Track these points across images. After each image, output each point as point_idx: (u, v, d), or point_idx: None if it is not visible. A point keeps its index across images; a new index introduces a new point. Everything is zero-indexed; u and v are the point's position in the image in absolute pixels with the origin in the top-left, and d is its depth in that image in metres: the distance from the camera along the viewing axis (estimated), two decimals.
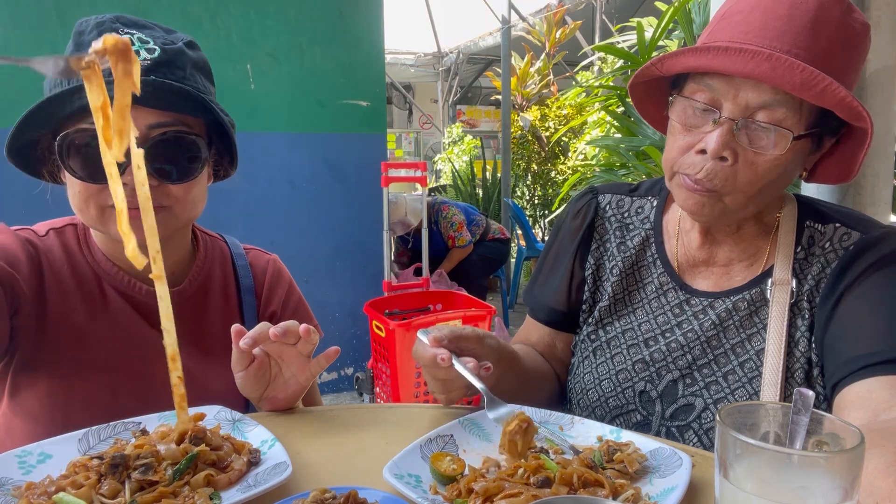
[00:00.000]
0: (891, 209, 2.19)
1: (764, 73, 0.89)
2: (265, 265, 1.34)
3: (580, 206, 1.27)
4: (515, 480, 0.76)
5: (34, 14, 3.20)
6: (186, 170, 1.07)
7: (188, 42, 1.11)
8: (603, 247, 1.23)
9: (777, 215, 1.09)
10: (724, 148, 0.94)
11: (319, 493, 0.70)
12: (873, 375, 0.87)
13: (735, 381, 1.04)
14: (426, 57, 12.10)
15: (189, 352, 1.17)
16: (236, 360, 1.00)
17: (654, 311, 1.15)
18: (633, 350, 1.14)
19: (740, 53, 0.90)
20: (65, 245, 1.15)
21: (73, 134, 1.01)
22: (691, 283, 1.14)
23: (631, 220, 1.23)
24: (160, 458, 0.78)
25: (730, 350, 1.06)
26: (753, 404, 0.63)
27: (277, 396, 1.05)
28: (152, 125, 1.03)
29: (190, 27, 3.55)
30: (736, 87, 0.94)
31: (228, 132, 1.11)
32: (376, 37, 4.16)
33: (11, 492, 0.74)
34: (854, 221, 1.04)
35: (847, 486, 0.53)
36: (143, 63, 1.01)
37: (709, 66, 0.94)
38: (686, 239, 1.15)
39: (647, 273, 1.18)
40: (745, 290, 1.07)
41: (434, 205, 5.23)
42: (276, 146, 3.89)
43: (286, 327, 0.97)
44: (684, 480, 0.75)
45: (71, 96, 0.99)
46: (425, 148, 13.36)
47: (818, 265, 1.03)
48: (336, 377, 4.25)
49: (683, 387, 1.07)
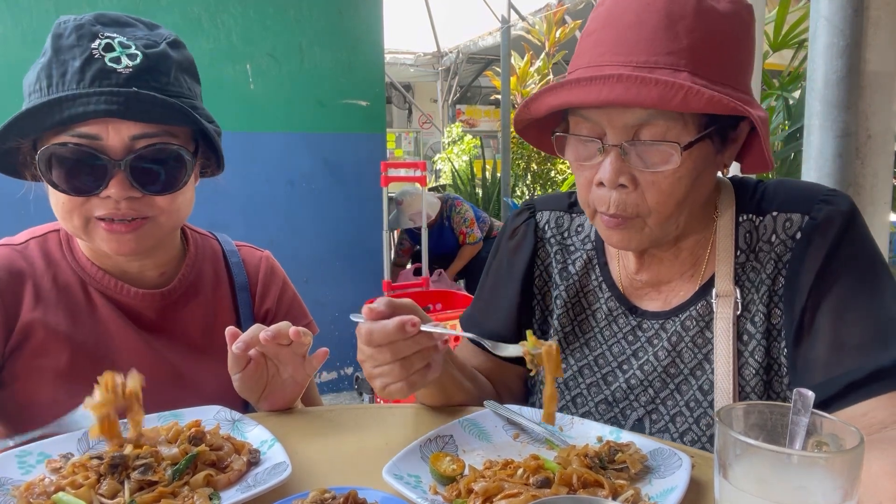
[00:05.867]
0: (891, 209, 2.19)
1: (619, 96, 0.83)
2: (258, 262, 1.32)
3: (517, 225, 1.19)
4: (515, 480, 0.76)
5: (34, 14, 3.20)
6: (171, 180, 1.05)
7: (172, 41, 1.08)
8: (546, 273, 1.16)
9: (714, 215, 1.02)
10: (618, 175, 0.89)
11: (319, 493, 0.70)
12: (867, 397, 0.83)
13: (696, 406, 0.98)
14: (426, 56, 12.08)
15: (180, 353, 1.16)
16: (232, 362, 1.00)
17: (607, 340, 1.09)
18: (593, 389, 1.08)
19: (592, 82, 0.84)
20: (47, 253, 1.13)
21: (54, 147, 0.99)
22: (640, 305, 1.07)
23: (571, 241, 1.15)
24: (160, 458, 0.79)
25: (689, 375, 1.00)
26: (753, 404, 0.63)
27: (276, 396, 1.05)
28: (136, 136, 1.01)
29: (190, 27, 3.55)
30: (608, 113, 0.89)
31: (213, 140, 1.09)
32: (376, 36, 4.16)
33: (11, 492, 0.74)
34: (791, 201, 0.96)
35: (847, 486, 0.53)
36: (125, 71, 0.99)
37: (567, 101, 0.89)
38: (625, 262, 1.09)
39: (595, 298, 1.11)
40: (691, 304, 1.01)
41: (447, 200, 5.23)
42: (275, 146, 3.89)
43: (277, 329, 0.97)
44: (684, 481, 0.75)
45: (51, 108, 0.97)
46: (425, 147, 13.36)
47: (770, 263, 0.96)
48: (336, 377, 4.25)
49: (650, 423, 1.02)
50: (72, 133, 0.99)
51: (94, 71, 0.98)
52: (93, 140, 0.99)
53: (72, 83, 0.98)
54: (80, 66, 0.98)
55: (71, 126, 0.98)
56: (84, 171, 1.00)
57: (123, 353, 1.11)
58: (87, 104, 0.96)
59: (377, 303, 0.88)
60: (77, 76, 0.98)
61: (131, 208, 1.02)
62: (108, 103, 0.96)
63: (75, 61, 0.99)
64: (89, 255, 1.13)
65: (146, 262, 1.14)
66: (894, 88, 2.04)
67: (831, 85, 2.05)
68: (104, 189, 0.99)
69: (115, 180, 0.99)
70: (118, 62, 1.00)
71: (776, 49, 4.17)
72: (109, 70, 0.99)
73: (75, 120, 0.97)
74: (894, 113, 2.07)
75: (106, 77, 0.99)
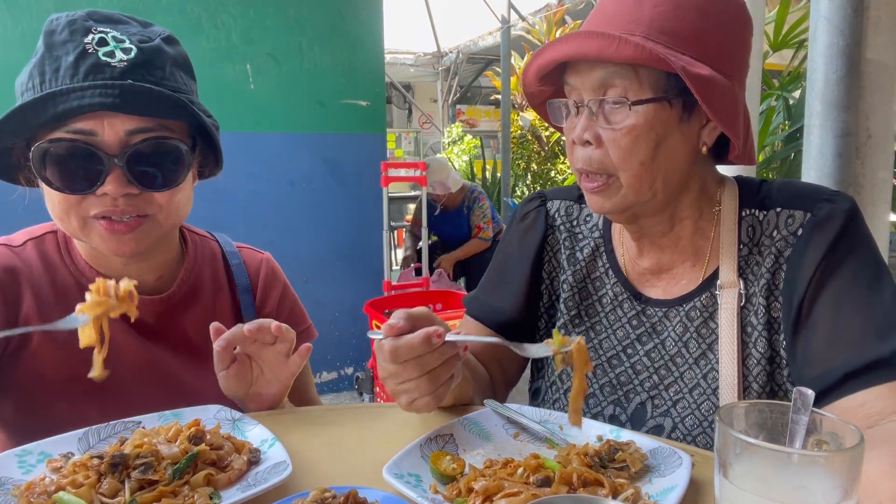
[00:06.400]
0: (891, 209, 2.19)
1: (572, 48, 0.94)
2: (259, 264, 1.30)
3: (528, 210, 1.23)
4: (515, 479, 0.76)
5: (34, 14, 3.20)
6: (169, 176, 1.03)
7: (166, 37, 1.06)
8: (555, 259, 1.19)
9: (716, 209, 1.05)
10: (583, 131, 0.97)
11: (319, 492, 0.70)
12: (864, 387, 0.85)
13: (700, 394, 1.01)
14: (426, 56, 12.09)
15: (180, 359, 1.14)
16: (217, 360, 1.00)
17: (612, 324, 1.12)
18: (598, 371, 1.11)
19: (562, 40, 0.95)
20: (44, 255, 1.10)
21: (48, 144, 0.96)
22: (644, 292, 1.10)
23: (580, 229, 1.19)
24: (160, 457, 0.78)
25: (693, 364, 1.03)
26: (753, 403, 0.63)
27: (261, 397, 1.04)
28: (132, 131, 0.99)
29: (190, 27, 3.55)
30: (581, 76, 0.97)
31: (211, 134, 1.07)
32: (376, 36, 4.16)
33: (11, 491, 0.74)
34: (795, 199, 1.00)
35: (847, 485, 0.53)
36: (119, 65, 0.97)
37: (543, 61, 0.99)
38: (627, 246, 1.13)
39: (601, 284, 1.14)
40: (695, 295, 1.04)
41: (473, 190, 5.28)
42: (275, 146, 3.89)
43: (259, 324, 0.97)
44: (684, 480, 0.75)
45: (44, 104, 0.94)
46: (425, 147, 13.36)
47: (770, 257, 0.99)
48: (336, 377, 4.24)
49: (652, 408, 1.05)
50: (66, 129, 0.96)
51: (87, 65, 0.96)
52: (88, 136, 0.97)
53: (65, 78, 0.96)
54: (73, 60, 0.96)
55: (65, 122, 0.96)
56: (79, 168, 0.97)
57: (123, 359, 1.08)
58: (82, 98, 0.93)
59: (396, 318, 0.86)
60: (70, 71, 0.96)
61: (129, 205, 1.00)
62: (102, 96, 0.94)
63: (68, 56, 0.97)
64: (87, 259, 1.11)
65: (143, 266, 1.12)
66: (894, 88, 2.04)
67: (831, 85, 2.06)
68: (101, 186, 0.97)
69: (112, 176, 0.97)
70: (112, 56, 0.98)
71: (776, 49, 4.17)
72: (104, 64, 0.97)
73: (69, 115, 0.94)
74: (894, 113, 2.07)
75: (100, 71, 0.96)
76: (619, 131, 0.95)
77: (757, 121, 3.15)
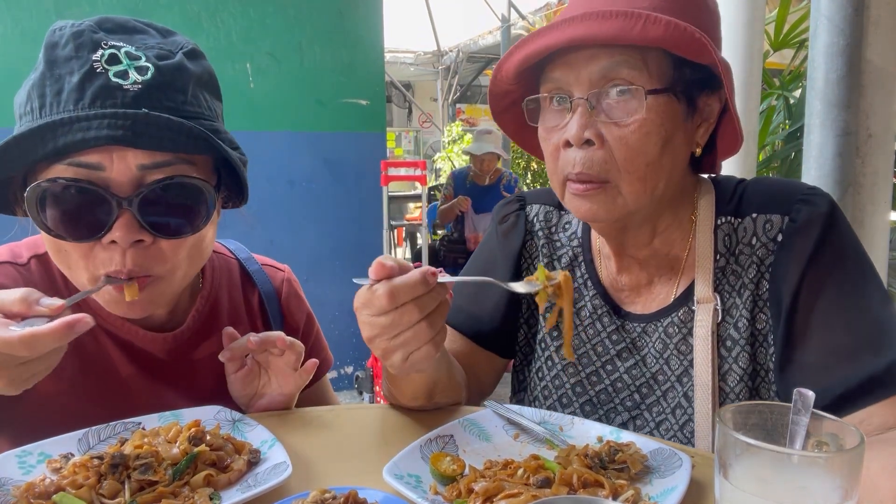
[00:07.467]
0: (891, 208, 2.19)
1: (581, 33, 0.83)
2: (280, 285, 1.19)
3: (507, 213, 1.17)
4: (516, 480, 0.76)
5: (33, 14, 3.20)
6: (189, 221, 0.89)
7: (189, 51, 0.92)
8: (533, 266, 1.13)
9: (692, 216, 1.00)
10: (583, 130, 0.87)
11: (319, 493, 0.70)
12: (861, 406, 0.82)
13: (682, 414, 0.97)
14: (426, 55, 12.08)
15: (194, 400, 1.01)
16: (226, 365, 1.01)
17: (590, 338, 1.07)
18: (577, 388, 1.07)
19: (552, 28, 0.85)
20: (50, 278, 0.98)
21: (46, 184, 0.83)
22: (623, 306, 1.05)
23: (558, 237, 1.13)
24: (160, 458, 0.78)
25: (675, 382, 0.99)
26: (753, 404, 0.63)
27: (265, 405, 1.04)
28: (146, 166, 0.85)
29: (190, 26, 3.54)
30: (575, 68, 0.88)
31: (238, 171, 0.93)
32: (376, 35, 4.16)
33: (11, 492, 0.74)
34: (770, 202, 0.94)
35: (847, 486, 0.53)
36: (133, 88, 0.84)
37: (534, 49, 0.88)
38: (606, 261, 1.08)
39: (579, 296, 1.09)
40: (673, 310, 0.99)
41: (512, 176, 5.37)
42: (275, 145, 3.89)
43: (264, 337, 0.97)
44: (684, 481, 0.75)
45: (42, 135, 0.80)
46: (425, 146, 13.36)
47: (752, 267, 0.94)
48: (336, 376, 4.24)
49: (634, 429, 1.01)
50: (69, 161, 0.82)
51: (95, 88, 0.83)
52: (93, 171, 0.83)
53: (68, 103, 0.82)
54: (78, 82, 0.83)
55: (67, 155, 0.82)
56: (83, 212, 0.84)
57: (132, 399, 1.00)
58: (87, 129, 0.80)
59: (385, 258, 0.77)
60: (75, 95, 0.83)
61: (137, 263, 0.86)
62: (111, 128, 0.80)
63: (73, 76, 0.83)
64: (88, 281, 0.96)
65: None
66: (895, 87, 2.05)
67: (832, 84, 2.06)
68: (107, 233, 0.84)
69: (121, 221, 0.83)
70: (125, 77, 0.84)
71: (777, 49, 4.16)
72: (114, 87, 0.83)
73: (72, 150, 0.81)
74: (894, 112, 2.07)
75: (110, 95, 0.83)
76: (628, 127, 0.86)
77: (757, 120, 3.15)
